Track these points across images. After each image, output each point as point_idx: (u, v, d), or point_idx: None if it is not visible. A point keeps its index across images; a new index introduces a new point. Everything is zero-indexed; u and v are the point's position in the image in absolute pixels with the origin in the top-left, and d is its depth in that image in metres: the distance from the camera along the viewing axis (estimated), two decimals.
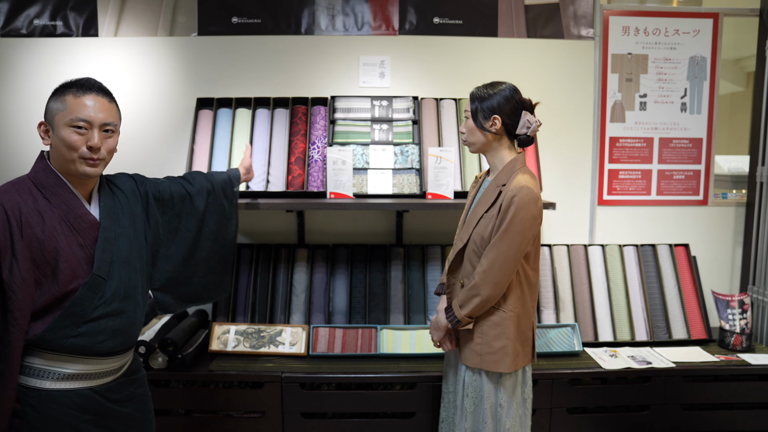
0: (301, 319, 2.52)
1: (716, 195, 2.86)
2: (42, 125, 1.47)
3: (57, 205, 1.44)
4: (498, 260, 1.67)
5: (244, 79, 2.69)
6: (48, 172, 1.45)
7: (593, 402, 2.27)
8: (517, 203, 1.65)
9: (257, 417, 2.20)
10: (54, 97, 1.45)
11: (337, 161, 2.40)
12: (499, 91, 1.73)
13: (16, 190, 1.41)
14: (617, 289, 2.59)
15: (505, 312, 1.74)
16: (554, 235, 2.80)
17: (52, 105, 1.44)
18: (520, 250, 1.68)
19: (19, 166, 2.66)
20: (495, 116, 1.72)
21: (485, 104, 1.73)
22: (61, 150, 1.43)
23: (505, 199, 1.68)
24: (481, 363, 1.75)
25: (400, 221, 2.71)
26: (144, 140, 2.67)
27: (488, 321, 1.75)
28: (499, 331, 1.73)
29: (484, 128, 1.74)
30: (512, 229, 1.66)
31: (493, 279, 1.68)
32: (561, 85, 2.74)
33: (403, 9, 2.69)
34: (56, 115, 1.43)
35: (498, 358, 1.73)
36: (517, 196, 1.66)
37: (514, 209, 1.65)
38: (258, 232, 2.75)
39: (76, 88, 1.45)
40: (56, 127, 1.43)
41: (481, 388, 1.77)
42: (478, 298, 1.70)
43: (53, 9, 2.63)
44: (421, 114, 2.64)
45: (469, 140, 1.79)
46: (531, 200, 1.67)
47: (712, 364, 2.29)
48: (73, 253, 1.44)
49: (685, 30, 2.75)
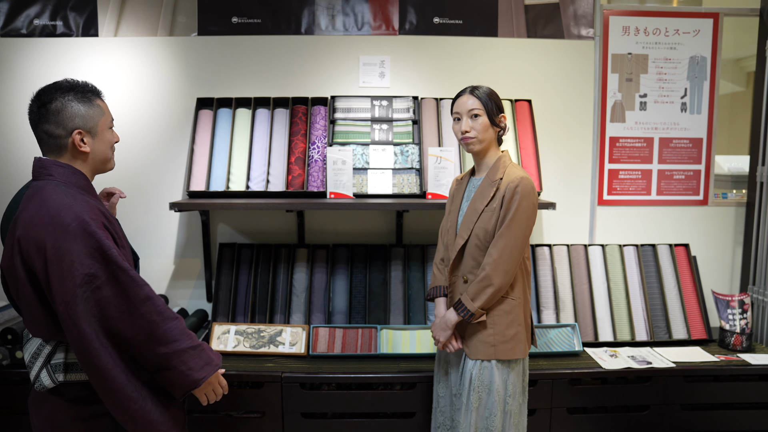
0: (301, 319, 2.52)
1: (716, 195, 2.86)
2: (79, 133, 1.47)
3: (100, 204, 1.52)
4: (507, 248, 1.74)
5: (244, 79, 2.69)
6: (80, 175, 1.51)
7: (593, 402, 2.27)
8: (521, 192, 1.74)
9: (257, 417, 2.20)
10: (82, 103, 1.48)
11: (337, 161, 2.40)
12: (493, 92, 1.87)
13: (79, 195, 1.45)
14: (617, 289, 2.59)
15: (514, 300, 1.81)
16: (554, 235, 2.80)
17: (87, 112, 1.48)
18: (525, 236, 1.77)
19: (19, 165, 2.66)
20: (503, 114, 1.86)
21: (496, 104, 1.84)
22: (105, 151, 1.55)
23: (508, 190, 1.76)
24: (495, 353, 1.78)
25: (400, 221, 2.71)
26: (144, 140, 2.67)
27: (499, 310, 1.80)
28: (510, 319, 1.80)
29: (497, 125, 1.85)
30: (518, 217, 1.74)
31: (504, 267, 1.74)
32: (561, 85, 2.74)
33: (403, 9, 2.69)
34: (99, 120, 1.51)
35: (512, 346, 1.79)
36: (519, 185, 1.75)
37: (518, 198, 1.74)
38: (258, 232, 2.75)
39: (96, 93, 1.54)
40: (101, 131, 1.52)
41: (491, 380, 1.79)
42: (492, 288, 1.74)
43: (53, 9, 2.63)
44: (421, 114, 2.64)
45: (480, 137, 1.83)
46: (532, 189, 1.77)
47: (712, 364, 2.29)
48: (127, 245, 1.59)
49: (685, 30, 2.75)
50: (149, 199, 2.68)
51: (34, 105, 1.47)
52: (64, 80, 1.50)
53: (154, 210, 2.69)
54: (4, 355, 2.20)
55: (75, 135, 1.46)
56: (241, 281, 2.58)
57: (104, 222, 1.44)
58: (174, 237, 2.73)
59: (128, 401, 1.39)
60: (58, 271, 1.33)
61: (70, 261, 1.33)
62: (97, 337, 1.35)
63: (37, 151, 2.62)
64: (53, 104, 1.45)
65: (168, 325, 1.41)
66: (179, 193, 2.70)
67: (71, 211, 1.37)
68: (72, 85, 1.49)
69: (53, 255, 1.34)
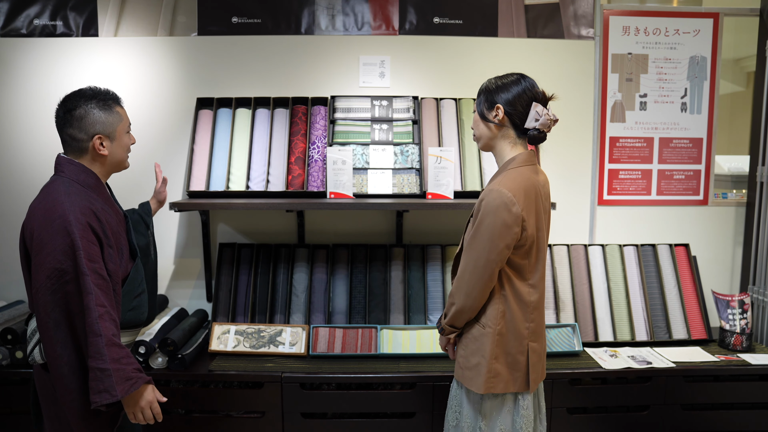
0: (301, 319, 2.52)
1: (716, 195, 2.86)
2: (99, 138, 1.61)
3: (104, 201, 1.64)
4: (467, 269, 1.57)
5: (244, 79, 2.69)
6: (89, 174, 1.62)
7: (593, 402, 2.27)
8: (483, 209, 1.54)
9: (257, 417, 2.20)
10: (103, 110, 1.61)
11: (337, 161, 2.40)
12: (506, 79, 1.62)
13: (76, 194, 1.55)
14: (617, 289, 2.59)
15: (483, 327, 1.62)
16: (554, 235, 2.80)
17: (110, 118, 1.63)
18: (489, 260, 1.54)
19: (20, 165, 2.66)
20: (498, 105, 1.59)
21: (489, 93, 1.62)
22: (122, 154, 1.69)
23: (478, 202, 1.58)
24: (461, 377, 1.68)
25: (400, 221, 2.71)
26: (144, 140, 2.67)
27: (469, 335, 1.67)
28: (475, 347, 1.63)
29: (487, 119, 1.63)
30: (479, 236, 1.54)
31: (465, 288, 1.58)
32: (561, 85, 2.74)
33: (403, 9, 2.69)
34: (118, 125, 1.66)
35: (472, 375, 1.63)
36: (485, 200, 1.54)
37: (481, 215, 1.55)
38: (258, 232, 2.75)
39: (115, 99, 1.67)
40: (119, 135, 1.67)
41: (461, 403, 1.71)
42: (454, 307, 1.63)
43: (53, 9, 2.63)
44: (421, 114, 2.64)
45: (476, 133, 1.69)
46: (500, 205, 1.51)
47: (713, 364, 2.29)
48: (124, 241, 1.69)
49: (685, 30, 2.75)
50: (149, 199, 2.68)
51: (60, 110, 1.61)
52: (87, 88, 1.64)
53: None
54: (4, 355, 2.20)
55: (95, 140, 1.61)
56: (241, 281, 2.58)
57: (92, 222, 1.53)
58: (174, 237, 2.73)
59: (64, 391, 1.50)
60: (37, 260, 1.48)
61: (46, 253, 1.47)
62: (55, 326, 1.47)
63: (38, 150, 2.65)
64: (77, 111, 1.59)
65: (90, 339, 1.46)
66: (179, 193, 2.70)
67: (61, 207, 1.50)
68: (95, 92, 1.63)
69: (37, 244, 1.48)
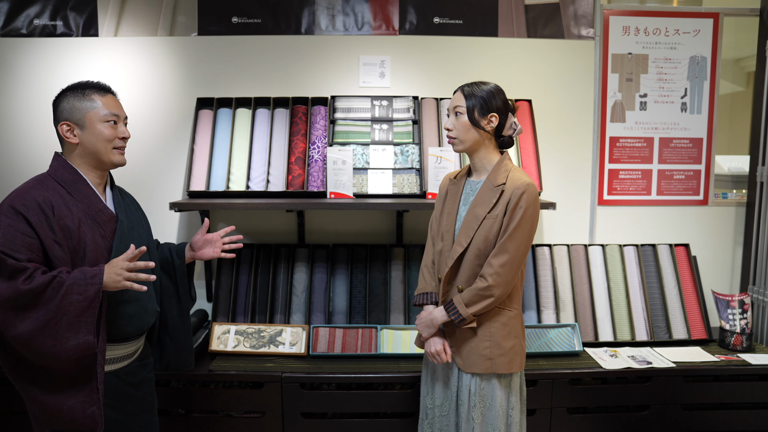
0: (301, 319, 2.52)
1: (716, 195, 2.86)
2: (65, 125, 1.54)
3: (79, 199, 1.54)
4: (511, 258, 1.66)
5: (244, 79, 2.69)
6: (67, 168, 1.55)
7: (593, 402, 2.27)
8: (527, 200, 1.66)
9: (257, 417, 2.20)
10: (75, 97, 1.55)
11: (337, 161, 2.40)
12: (492, 89, 1.73)
13: (42, 186, 1.51)
14: (617, 289, 2.59)
15: (511, 311, 1.75)
16: (554, 235, 2.80)
17: (79, 104, 1.54)
18: (528, 246, 1.71)
19: (20, 165, 2.66)
20: (493, 114, 1.71)
21: (483, 102, 1.70)
22: (96, 144, 1.55)
23: (513, 196, 1.67)
24: (492, 367, 1.71)
25: (401, 221, 2.71)
26: (144, 140, 2.67)
27: (496, 322, 1.73)
28: (507, 331, 1.73)
29: (480, 126, 1.71)
30: (523, 226, 1.67)
31: (506, 278, 1.67)
32: (561, 85, 2.74)
33: (403, 9, 2.69)
34: (88, 112, 1.54)
35: (510, 359, 1.73)
36: (526, 192, 1.67)
37: (524, 206, 1.66)
38: (258, 232, 2.75)
39: (97, 88, 1.58)
40: (89, 123, 1.54)
41: (492, 394, 1.73)
42: (491, 300, 1.67)
43: (53, 9, 2.63)
44: (421, 114, 2.64)
45: (461, 138, 1.73)
46: (537, 197, 1.70)
47: (713, 364, 2.29)
48: (96, 244, 1.54)
49: (685, 30, 2.75)
50: (149, 199, 2.67)
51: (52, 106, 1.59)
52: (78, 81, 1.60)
53: (154, 210, 2.68)
54: None
55: (61, 126, 1.55)
56: (241, 281, 2.58)
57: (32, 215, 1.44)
58: (174, 237, 2.73)
59: None
60: None
61: None
62: None
63: (38, 149, 2.65)
64: (57, 101, 1.57)
65: None
66: (179, 193, 2.70)
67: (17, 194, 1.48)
68: (79, 83, 1.58)
69: None
